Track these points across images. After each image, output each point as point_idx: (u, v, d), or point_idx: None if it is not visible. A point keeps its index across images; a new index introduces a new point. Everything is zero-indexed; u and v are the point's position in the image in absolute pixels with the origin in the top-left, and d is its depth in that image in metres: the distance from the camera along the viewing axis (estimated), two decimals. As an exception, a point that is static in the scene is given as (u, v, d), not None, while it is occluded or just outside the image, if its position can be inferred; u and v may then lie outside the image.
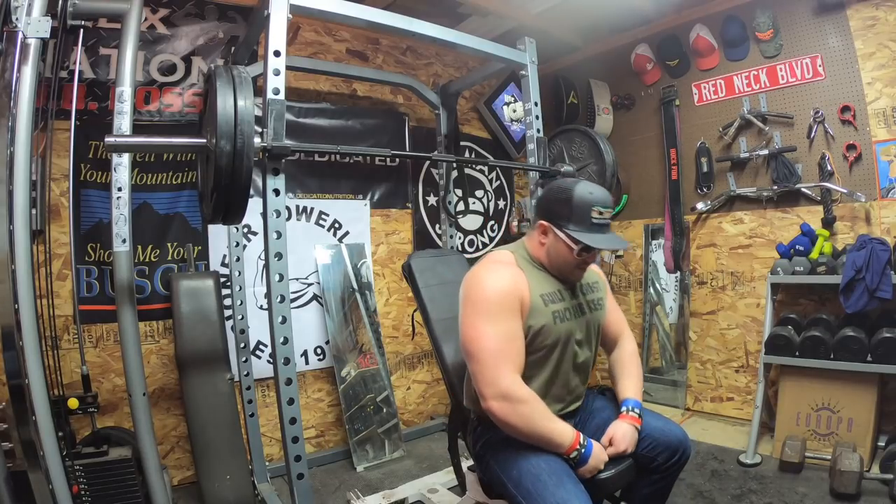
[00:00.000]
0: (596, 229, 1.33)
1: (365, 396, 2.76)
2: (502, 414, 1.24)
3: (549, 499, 1.16)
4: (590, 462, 1.27)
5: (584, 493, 1.19)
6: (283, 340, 1.55)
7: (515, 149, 3.65)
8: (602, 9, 3.03)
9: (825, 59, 2.59)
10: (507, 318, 1.28)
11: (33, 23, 1.43)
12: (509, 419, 1.24)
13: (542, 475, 1.21)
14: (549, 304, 1.35)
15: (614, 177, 2.33)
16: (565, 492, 1.17)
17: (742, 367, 2.98)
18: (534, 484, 1.21)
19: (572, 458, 1.25)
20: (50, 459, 1.49)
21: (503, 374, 1.24)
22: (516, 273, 1.35)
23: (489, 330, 1.26)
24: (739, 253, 2.97)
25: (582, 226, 1.32)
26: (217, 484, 2.15)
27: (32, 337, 1.47)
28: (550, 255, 1.39)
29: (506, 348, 1.26)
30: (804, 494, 2.10)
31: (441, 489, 2.27)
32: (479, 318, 1.28)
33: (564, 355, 1.38)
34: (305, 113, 2.83)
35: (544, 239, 1.39)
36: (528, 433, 1.26)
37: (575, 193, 1.33)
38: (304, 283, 2.82)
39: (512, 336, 1.28)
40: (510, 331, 1.28)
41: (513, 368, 1.26)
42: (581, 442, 1.27)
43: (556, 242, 1.37)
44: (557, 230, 1.35)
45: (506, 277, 1.32)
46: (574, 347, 1.39)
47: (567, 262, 1.37)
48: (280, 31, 1.56)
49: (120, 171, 1.77)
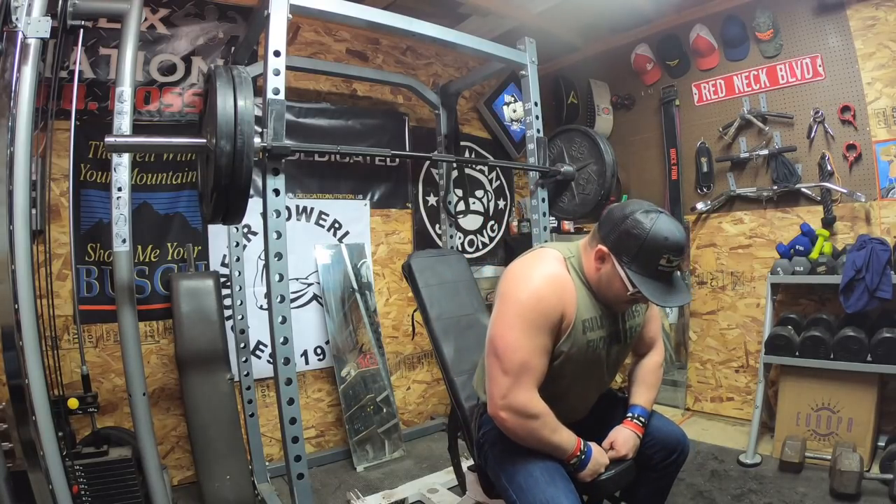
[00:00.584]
0: (659, 276, 1.20)
1: (365, 396, 2.76)
2: (510, 425, 1.22)
3: (539, 496, 1.18)
4: (589, 466, 1.27)
5: (574, 494, 1.20)
6: (283, 340, 1.55)
7: (515, 149, 3.65)
8: (602, 9, 3.03)
9: (825, 59, 2.59)
10: (543, 333, 1.20)
11: (33, 23, 1.43)
12: (517, 431, 1.23)
13: (535, 472, 1.23)
14: (588, 331, 1.27)
15: (614, 177, 2.33)
16: (555, 490, 1.18)
17: (742, 367, 2.98)
18: (526, 480, 1.22)
19: (572, 464, 1.26)
20: (50, 459, 1.49)
21: (522, 390, 1.20)
22: (566, 284, 1.25)
23: (522, 340, 1.19)
24: (739, 253, 2.97)
25: (646, 271, 1.19)
26: (217, 484, 2.15)
27: (32, 337, 1.47)
28: (602, 283, 1.27)
29: (532, 363, 1.20)
30: (804, 494, 2.10)
31: (441, 489, 2.27)
32: (516, 323, 1.20)
33: (588, 377, 1.36)
34: (305, 113, 2.83)
35: (600, 265, 1.26)
36: (531, 443, 1.25)
37: (649, 236, 1.17)
38: (304, 283, 2.82)
39: (542, 352, 1.21)
40: (541, 346, 1.21)
41: (533, 385, 1.21)
42: (581, 449, 1.27)
43: (612, 274, 1.23)
44: (618, 264, 1.21)
45: (555, 288, 1.23)
46: (598, 375, 1.38)
47: (618, 297, 1.26)
48: (280, 31, 1.56)
49: (120, 171, 1.77)
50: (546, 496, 1.17)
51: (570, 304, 1.23)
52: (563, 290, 1.24)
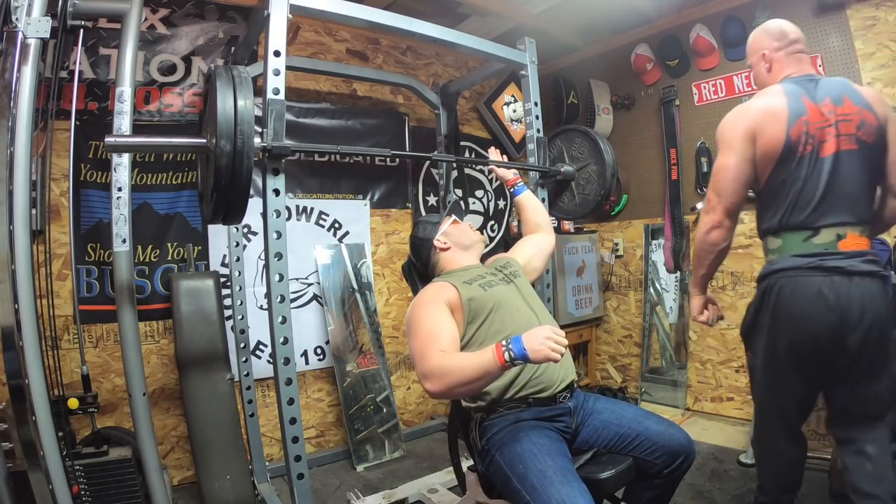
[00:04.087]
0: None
1: (365, 396, 2.76)
2: (436, 388, 1.27)
3: (555, 495, 1.16)
4: (527, 342, 1.17)
5: (589, 494, 1.19)
6: (283, 340, 1.55)
7: (515, 149, 3.65)
8: (602, 9, 3.04)
9: (825, 59, 2.58)
10: (437, 305, 1.43)
11: (33, 23, 1.43)
12: (443, 391, 1.27)
13: (547, 471, 1.22)
14: (473, 282, 1.52)
15: (614, 177, 2.33)
16: (570, 489, 1.17)
17: (742, 367, 2.97)
18: (539, 480, 1.21)
19: (508, 360, 1.17)
20: (50, 459, 1.49)
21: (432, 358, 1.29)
22: (445, 285, 1.51)
23: (422, 315, 1.42)
24: (739, 253, 2.97)
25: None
26: (217, 484, 2.15)
27: (32, 337, 1.47)
28: (447, 264, 1.68)
29: (435, 330, 1.36)
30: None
31: (441, 489, 2.27)
32: (418, 309, 1.45)
33: (508, 316, 1.47)
34: (305, 113, 2.83)
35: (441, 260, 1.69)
36: (461, 384, 1.24)
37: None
38: (304, 283, 2.82)
39: (443, 319, 1.40)
40: (441, 315, 1.41)
41: (439, 351, 1.31)
42: (504, 345, 1.19)
43: (445, 259, 1.69)
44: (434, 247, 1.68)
45: (435, 287, 1.52)
46: (516, 308, 1.50)
47: (457, 243, 1.70)
48: (280, 31, 1.56)
49: (120, 171, 1.78)
50: (562, 495, 1.16)
51: (446, 287, 1.50)
52: (443, 287, 1.51)
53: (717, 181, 1.51)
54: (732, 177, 1.47)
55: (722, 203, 1.50)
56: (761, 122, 1.43)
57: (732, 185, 1.48)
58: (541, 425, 1.38)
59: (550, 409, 1.42)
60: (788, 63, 1.56)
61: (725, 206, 1.49)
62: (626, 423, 1.45)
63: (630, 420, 1.46)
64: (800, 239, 1.42)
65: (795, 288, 1.39)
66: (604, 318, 3.71)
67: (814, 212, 1.40)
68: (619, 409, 1.51)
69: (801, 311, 1.38)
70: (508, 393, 1.40)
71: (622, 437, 1.43)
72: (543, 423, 1.39)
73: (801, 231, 1.42)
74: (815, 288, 1.36)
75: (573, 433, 1.46)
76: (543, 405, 1.41)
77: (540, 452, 1.27)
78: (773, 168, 1.44)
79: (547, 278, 2.21)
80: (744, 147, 1.46)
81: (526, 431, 1.34)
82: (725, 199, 1.49)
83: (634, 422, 1.45)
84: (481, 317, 1.45)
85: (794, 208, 1.42)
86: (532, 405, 1.40)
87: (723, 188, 1.49)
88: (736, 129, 1.48)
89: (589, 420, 1.49)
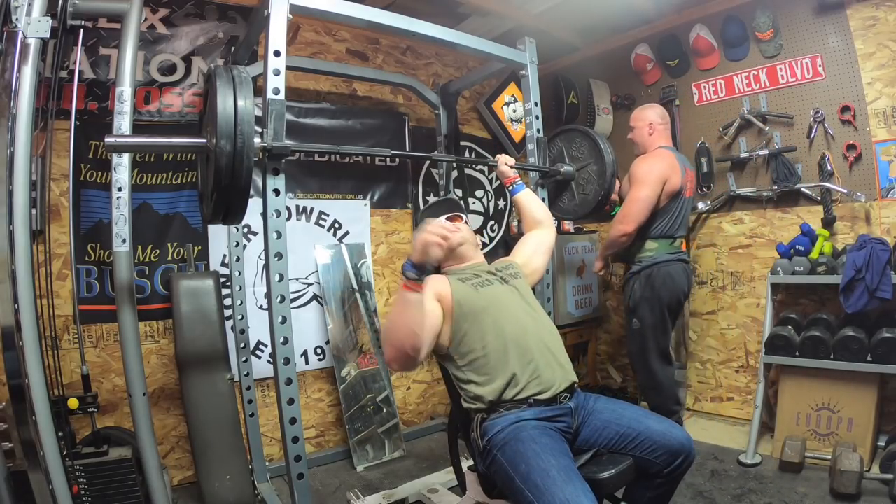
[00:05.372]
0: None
1: (365, 396, 2.76)
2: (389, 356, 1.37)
3: (559, 494, 1.16)
4: (421, 239, 1.27)
5: (592, 494, 1.20)
6: (283, 340, 1.55)
7: (515, 149, 3.65)
8: (602, 9, 3.04)
9: (825, 59, 2.59)
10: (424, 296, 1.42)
11: (33, 23, 1.43)
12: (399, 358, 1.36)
13: (551, 471, 1.22)
14: (465, 281, 1.55)
15: (614, 177, 2.33)
16: (574, 488, 1.18)
17: (742, 367, 2.98)
18: (543, 479, 1.21)
19: (407, 278, 1.29)
20: (50, 459, 1.49)
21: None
22: (435, 277, 1.54)
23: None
24: (739, 253, 2.97)
25: None
26: (217, 484, 2.15)
27: (32, 337, 1.46)
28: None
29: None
30: (804, 494, 2.10)
31: (441, 489, 2.27)
32: None
33: (501, 316, 1.48)
34: (305, 113, 2.83)
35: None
36: (395, 328, 1.34)
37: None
38: (304, 283, 2.82)
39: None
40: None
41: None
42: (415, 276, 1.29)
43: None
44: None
45: (434, 281, 1.53)
46: (509, 309, 1.51)
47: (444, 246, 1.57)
48: (280, 31, 1.56)
49: (120, 171, 1.77)
50: (565, 494, 1.16)
51: (440, 283, 1.53)
52: (437, 279, 1.54)
53: (633, 208, 2.30)
54: (646, 206, 2.29)
55: (634, 223, 2.30)
56: (669, 172, 2.32)
57: (645, 211, 2.29)
58: (542, 425, 1.38)
59: (551, 409, 1.42)
60: (664, 135, 2.49)
61: (635, 224, 2.30)
62: (626, 423, 1.45)
63: (631, 419, 1.46)
64: (668, 243, 2.38)
65: (670, 271, 2.35)
66: (604, 318, 3.71)
67: (676, 228, 2.38)
68: (619, 408, 1.51)
69: (674, 282, 2.35)
70: (508, 394, 1.41)
71: (623, 437, 1.43)
72: (545, 423, 1.39)
73: (668, 238, 2.37)
74: (680, 269, 2.38)
75: (574, 433, 1.46)
76: (544, 405, 1.42)
77: (542, 452, 1.27)
78: (669, 201, 2.33)
79: (547, 278, 2.20)
80: (657, 186, 2.29)
81: (528, 431, 1.34)
82: (636, 220, 2.30)
83: (635, 421, 1.45)
84: (470, 316, 1.47)
85: (669, 225, 2.36)
86: (533, 405, 1.41)
87: (637, 212, 2.29)
88: (652, 174, 2.30)
89: (589, 420, 1.49)
